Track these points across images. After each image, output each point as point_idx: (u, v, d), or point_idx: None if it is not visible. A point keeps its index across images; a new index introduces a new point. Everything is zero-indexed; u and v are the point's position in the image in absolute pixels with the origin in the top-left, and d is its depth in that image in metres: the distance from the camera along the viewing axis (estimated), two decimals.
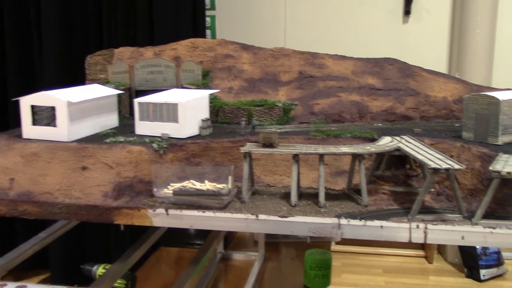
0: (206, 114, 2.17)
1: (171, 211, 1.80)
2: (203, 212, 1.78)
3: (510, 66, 5.18)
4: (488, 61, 4.99)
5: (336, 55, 2.58)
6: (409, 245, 5.47)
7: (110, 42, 4.13)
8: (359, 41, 5.37)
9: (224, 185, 1.86)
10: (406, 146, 1.90)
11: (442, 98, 2.40)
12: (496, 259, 4.98)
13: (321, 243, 3.61)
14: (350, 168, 1.94)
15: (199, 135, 2.11)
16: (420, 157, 1.76)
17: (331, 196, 1.94)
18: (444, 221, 1.69)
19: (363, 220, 1.70)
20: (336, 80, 2.45)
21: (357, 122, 2.33)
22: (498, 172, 1.62)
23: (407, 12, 5.28)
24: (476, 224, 1.65)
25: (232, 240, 3.84)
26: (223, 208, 1.80)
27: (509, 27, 5.17)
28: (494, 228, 1.64)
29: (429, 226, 1.67)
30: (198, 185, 1.85)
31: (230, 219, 1.77)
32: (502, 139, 1.93)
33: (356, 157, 1.86)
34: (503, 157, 1.76)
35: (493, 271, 4.97)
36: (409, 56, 5.25)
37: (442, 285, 4.98)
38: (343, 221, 1.71)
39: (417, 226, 1.67)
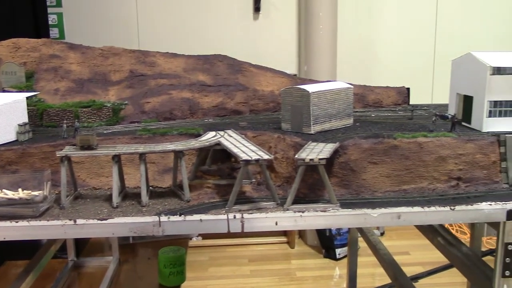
0: (24, 118, 2.06)
1: None
2: (16, 222, 1.69)
3: (351, 60, 5.60)
4: (332, 56, 5.35)
5: (168, 53, 2.59)
6: (273, 232, 5.70)
7: None
8: (212, 38, 5.45)
9: (40, 192, 1.78)
10: (227, 140, 1.97)
11: (269, 92, 2.52)
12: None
13: (177, 240, 3.62)
14: (174, 165, 1.96)
15: (16, 140, 2.00)
16: (235, 150, 1.83)
17: (157, 194, 1.95)
18: (260, 209, 1.78)
19: (182, 216, 1.73)
20: (167, 78, 2.47)
21: (189, 118, 2.37)
22: (303, 159, 1.74)
23: (257, 8, 5.47)
24: (287, 209, 1.76)
25: (85, 246, 3.70)
26: (38, 216, 1.72)
27: (348, 24, 5.59)
28: (303, 211, 1.76)
29: (245, 215, 1.75)
30: (10, 194, 1.75)
31: (46, 226, 1.70)
32: (314, 129, 2.08)
33: (177, 153, 1.88)
34: (311, 145, 1.90)
35: (347, 249, 5.36)
36: (261, 52, 5.48)
37: (303, 267, 5.26)
38: (163, 218, 1.73)
39: (234, 217, 1.74)
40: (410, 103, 2.75)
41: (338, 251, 5.29)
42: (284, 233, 5.74)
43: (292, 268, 5.26)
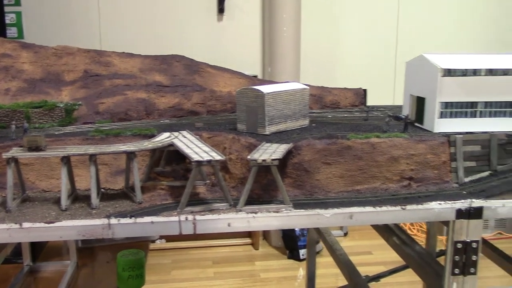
0: None
1: None
2: None
3: (315, 62, 5.65)
4: (296, 57, 5.38)
5: (124, 52, 2.55)
6: (237, 234, 5.69)
7: None
8: (176, 39, 5.41)
9: None
10: (180, 141, 1.95)
11: (227, 92, 2.51)
12: None
13: (138, 242, 3.57)
14: (126, 166, 1.93)
15: None
16: (187, 151, 1.81)
17: (109, 196, 1.91)
18: (212, 210, 1.76)
19: (133, 218, 1.70)
20: (123, 78, 2.43)
21: (144, 119, 2.33)
22: (255, 160, 1.73)
23: (221, 10, 5.46)
24: (240, 210, 1.76)
25: (42, 250, 3.61)
26: None
27: (312, 26, 5.64)
28: (256, 212, 1.75)
29: (197, 217, 1.73)
30: None
31: None
32: (269, 129, 2.07)
33: (129, 154, 1.85)
34: (264, 146, 1.90)
35: (307, 249, 5.39)
36: (225, 53, 5.47)
37: (267, 269, 5.27)
38: (113, 220, 1.69)
39: (186, 218, 1.72)
40: (370, 104, 2.78)
41: (302, 252, 5.32)
42: (249, 234, 5.74)
43: (256, 269, 5.26)
